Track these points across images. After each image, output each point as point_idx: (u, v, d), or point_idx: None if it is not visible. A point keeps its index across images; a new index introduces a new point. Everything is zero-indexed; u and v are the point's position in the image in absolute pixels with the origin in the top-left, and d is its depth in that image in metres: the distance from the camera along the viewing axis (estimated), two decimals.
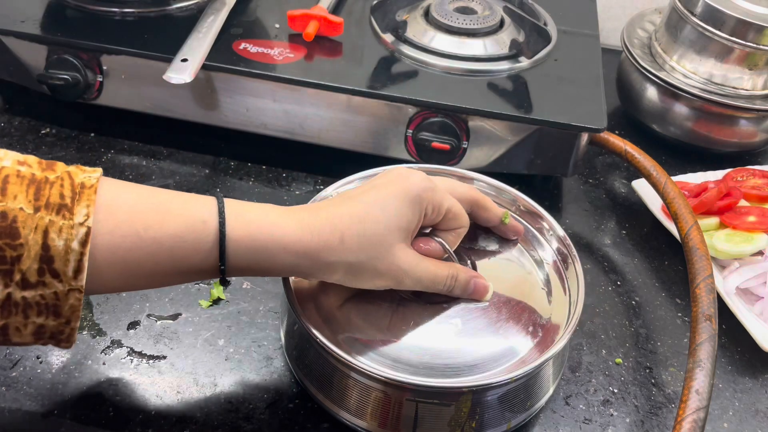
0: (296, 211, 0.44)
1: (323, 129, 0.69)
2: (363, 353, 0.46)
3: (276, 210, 0.44)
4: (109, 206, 0.39)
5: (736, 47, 0.72)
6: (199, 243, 0.41)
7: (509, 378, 0.45)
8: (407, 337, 0.47)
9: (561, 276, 0.53)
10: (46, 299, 0.37)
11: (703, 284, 0.53)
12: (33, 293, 0.37)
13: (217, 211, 0.41)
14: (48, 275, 0.37)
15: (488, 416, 0.47)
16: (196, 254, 0.41)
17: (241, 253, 0.42)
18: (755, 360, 0.58)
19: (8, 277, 0.36)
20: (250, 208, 0.43)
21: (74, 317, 0.39)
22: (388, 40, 0.73)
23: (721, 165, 0.74)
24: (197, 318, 0.56)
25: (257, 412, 0.50)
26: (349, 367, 0.45)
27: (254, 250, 0.42)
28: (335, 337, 0.47)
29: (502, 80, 0.70)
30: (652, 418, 0.53)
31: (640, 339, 0.59)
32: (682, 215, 0.58)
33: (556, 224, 0.55)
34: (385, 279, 0.46)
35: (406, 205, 0.45)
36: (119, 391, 0.51)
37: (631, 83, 0.81)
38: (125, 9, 0.72)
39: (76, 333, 0.40)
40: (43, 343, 0.40)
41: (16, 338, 0.39)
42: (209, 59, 0.66)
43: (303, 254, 0.43)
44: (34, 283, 0.37)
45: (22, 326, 0.38)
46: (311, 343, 0.47)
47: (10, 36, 0.69)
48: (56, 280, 0.37)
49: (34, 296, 0.37)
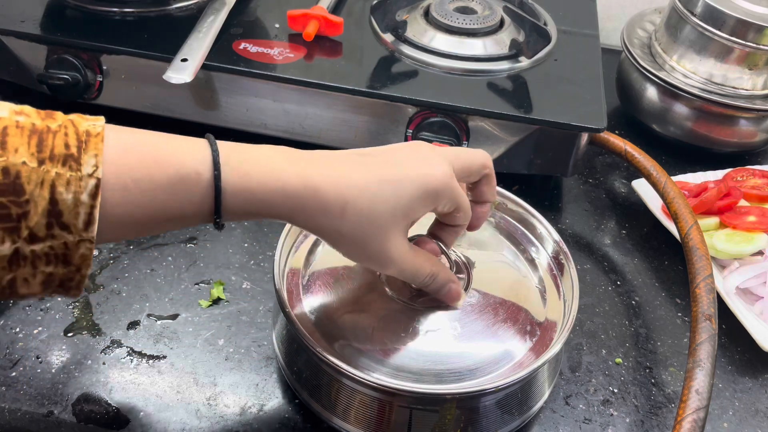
0: (302, 162, 0.41)
1: (323, 129, 0.69)
2: (361, 362, 0.46)
3: (279, 157, 0.41)
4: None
5: (736, 47, 0.72)
6: (192, 195, 0.38)
7: (505, 383, 0.44)
8: (405, 343, 0.47)
9: (555, 278, 0.53)
10: (56, 249, 0.36)
11: (703, 284, 0.53)
12: (42, 246, 0.35)
13: (211, 160, 0.39)
14: (57, 228, 0.35)
15: (485, 422, 0.47)
16: (189, 206, 0.39)
17: (238, 204, 0.39)
18: (755, 360, 0.58)
19: (16, 234, 0.35)
20: (247, 156, 0.40)
21: (85, 265, 0.37)
22: (388, 40, 0.73)
23: (721, 165, 0.74)
24: (197, 318, 0.56)
25: (257, 412, 0.50)
26: (339, 371, 0.44)
27: (251, 202, 0.40)
28: (330, 345, 0.46)
29: (502, 80, 0.70)
30: (652, 418, 0.53)
31: (640, 339, 0.59)
32: (682, 215, 0.58)
33: (550, 225, 0.55)
34: (370, 261, 0.44)
35: (421, 198, 0.42)
36: (119, 391, 0.51)
37: (631, 83, 0.81)
38: (125, 9, 0.72)
39: (85, 280, 0.38)
40: (51, 292, 0.38)
41: (23, 289, 0.37)
42: (209, 59, 0.66)
43: (300, 211, 0.40)
44: (42, 237, 0.35)
45: (31, 276, 0.36)
46: (302, 346, 0.47)
47: (10, 36, 0.69)
48: (66, 232, 0.35)
49: (42, 248, 0.35)
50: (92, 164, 0.35)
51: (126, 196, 0.37)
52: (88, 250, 0.36)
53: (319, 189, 0.40)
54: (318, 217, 0.41)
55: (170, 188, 0.38)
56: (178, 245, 0.62)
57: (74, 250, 0.36)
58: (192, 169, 0.38)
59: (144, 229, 0.39)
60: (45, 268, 0.36)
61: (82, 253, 0.36)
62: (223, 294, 0.58)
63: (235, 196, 0.39)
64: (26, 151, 0.34)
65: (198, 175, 0.38)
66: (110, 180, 0.36)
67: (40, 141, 0.35)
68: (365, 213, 0.41)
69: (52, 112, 0.37)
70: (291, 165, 0.40)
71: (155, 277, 0.59)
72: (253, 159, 0.40)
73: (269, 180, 0.40)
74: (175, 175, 0.38)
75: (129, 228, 0.38)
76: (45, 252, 0.36)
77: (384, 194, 0.41)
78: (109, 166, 0.36)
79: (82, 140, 0.35)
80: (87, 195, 0.35)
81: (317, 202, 0.40)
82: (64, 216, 0.35)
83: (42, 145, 0.34)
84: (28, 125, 0.35)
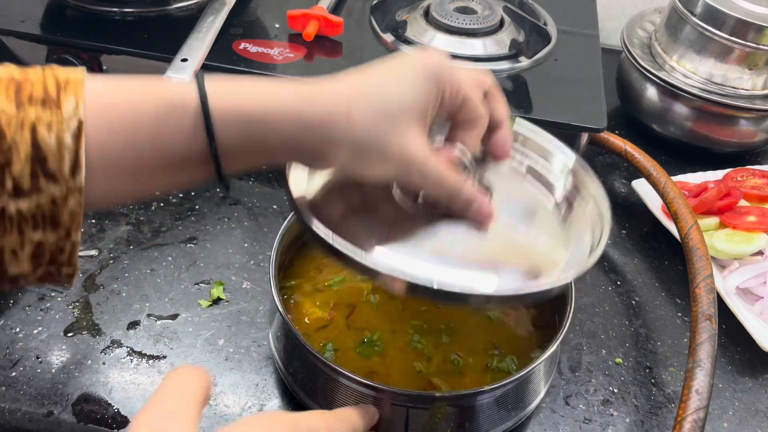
0: (293, 83, 0.39)
1: None
2: None
3: (267, 81, 0.38)
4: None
5: (736, 47, 0.72)
6: (181, 124, 0.36)
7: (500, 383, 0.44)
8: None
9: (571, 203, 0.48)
10: (43, 208, 0.34)
11: (703, 284, 0.53)
12: (28, 203, 0.34)
13: (196, 87, 0.37)
14: (42, 178, 0.34)
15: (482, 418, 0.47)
16: (180, 137, 0.36)
17: (231, 129, 0.37)
18: (755, 360, 0.58)
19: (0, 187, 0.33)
20: (235, 80, 0.38)
21: (74, 226, 0.35)
22: (388, 40, 0.73)
23: (721, 165, 0.74)
24: (197, 318, 0.56)
25: (257, 412, 0.50)
26: (334, 370, 0.44)
27: (246, 125, 0.37)
28: None
29: (502, 80, 0.70)
30: (652, 418, 0.53)
31: (640, 339, 0.59)
32: (682, 215, 0.58)
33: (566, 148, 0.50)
34: (392, 164, 0.40)
35: (423, 81, 0.40)
36: (119, 390, 0.51)
37: (631, 83, 0.81)
38: (125, 9, 0.72)
39: (77, 255, 0.36)
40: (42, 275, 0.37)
41: (13, 267, 0.36)
42: (209, 59, 0.66)
43: (303, 127, 0.37)
44: (28, 190, 0.34)
45: (19, 247, 0.35)
46: (298, 346, 0.47)
47: (10, 36, 0.69)
48: (52, 182, 0.34)
49: (29, 207, 0.34)
50: (72, 106, 0.34)
51: (111, 135, 0.35)
52: (77, 205, 0.35)
53: (316, 97, 0.38)
54: (325, 130, 0.38)
55: (157, 120, 0.36)
56: (178, 245, 0.62)
57: (62, 206, 0.35)
58: (178, 98, 0.36)
59: (138, 177, 0.37)
60: (33, 233, 0.35)
61: (71, 209, 0.35)
62: (223, 294, 0.58)
63: (226, 116, 0.37)
64: (4, 97, 0.33)
65: (183, 102, 0.36)
66: (93, 119, 0.34)
67: (18, 89, 0.34)
68: (372, 109, 0.38)
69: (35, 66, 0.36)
70: (281, 84, 0.38)
71: (155, 277, 0.59)
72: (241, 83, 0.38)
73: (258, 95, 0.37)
74: (161, 106, 0.36)
75: (121, 178, 0.37)
76: (32, 212, 0.34)
77: (387, 87, 0.39)
78: (91, 106, 0.35)
79: (61, 85, 0.34)
80: (70, 136, 0.33)
81: (320, 113, 0.38)
82: (49, 161, 0.33)
83: (20, 92, 0.34)
84: (6, 75, 0.34)
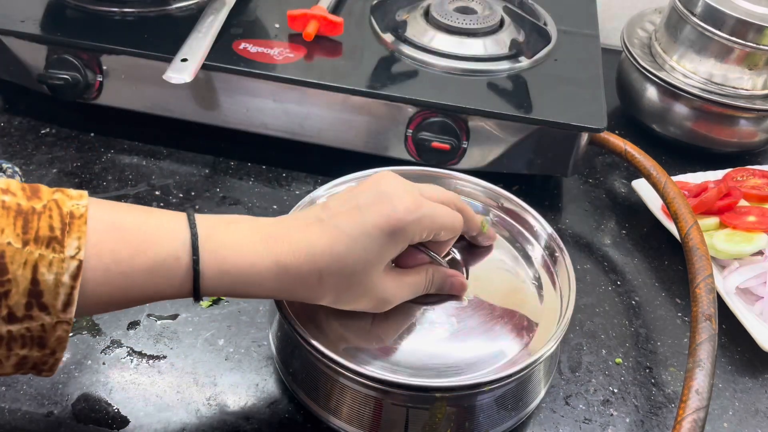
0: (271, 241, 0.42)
1: (323, 129, 0.69)
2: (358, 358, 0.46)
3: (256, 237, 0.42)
4: None
5: (736, 47, 0.72)
6: (172, 278, 0.40)
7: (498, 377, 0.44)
8: (402, 339, 0.47)
9: (552, 274, 0.53)
10: (32, 332, 0.36)
11: (703, 284, 0.53)
12: (19, 327, 0.36)
13: (190, 245, 0.40)
14: (36, 309, 0.36)
15: (481, 418, 0.47)
16: (169, 288, 0.40)
17: (216, 286, 0.41)
18: (755, 360, 0.58)
19: None
20: (225, 239, 0.41)
21: (60, 348, 0.38)
22: (388, 40, 0.73)
23: (721, 165, 0.74)
24: (197, 318, 0.56)
25: (257, 412, 0.50)
26: (332, 368, 0.44)
27: (229, 285, 0.41)
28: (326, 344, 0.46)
29: (502, 80, 0.70)
30: (652, 418, 0.53)
31: (640, 339, 0.59)
32: (682, 215, 0.58)
33: (543, 221, 0.55)
34: (365, 303, 0.46)
35: (389, 240, 0.43)
36: (119, 390, 0.51)
37: (631, 83, 0.81)
38: (125, 9, 0.72)
39: (59, 363, 0.39)
40: (24, 372, 0.39)
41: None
42: (209, 59, 0.66)
43: (279, 290, 0.43)
44: (20, 317, 0.36)
45: (4, 358, 0.37)
46: (297, 344, 0.47)
47: (10, 36, 0.69)
48: (44, 313, 0.36)
49: (19, 330, 0.36)
50: (75, 246, 0.36)
51: (107, 277, 0.38)
52: (65, 333, 0.37)
53: (293, 267, 0.42)
54: (299, 290, 0.43)
55: (150, 272, 0.39)
56: None
57: (51, 333, 0.37)
58: (172, 254, 0.39)
59: (121, 306, 0.40)
60: (20, 350, 0.37)
61: (59, 336, 0.37)
62: None
63: (213, 279, 0.40)
64: (12, 232, 0.35)
65: (177, 260, 0.39)
66: (91, 262, 0.37)
67: (25, 222, 0.35)
68: (341, 275, 0.43)
69: (37, 187, 0.38)
70: (265, 246, 0.41)
71: None
72: (230, 243, 0.41)
73: (244, 265, 0.41)
74: (154, 259, 0.39)
75: (106, 306, 0.40)
76: (21, 333, 0.36)
77: (355, 254, 0.42)
78: (91, 249, 0.37)
79: (65, 222, 0.36)
80: (68, 276, 0.36)
81: (294, 279, 0.42)
82: (44, 296, 0.35)
83: (27, 227, 0.35)
84: (14, 206, 0.36)
